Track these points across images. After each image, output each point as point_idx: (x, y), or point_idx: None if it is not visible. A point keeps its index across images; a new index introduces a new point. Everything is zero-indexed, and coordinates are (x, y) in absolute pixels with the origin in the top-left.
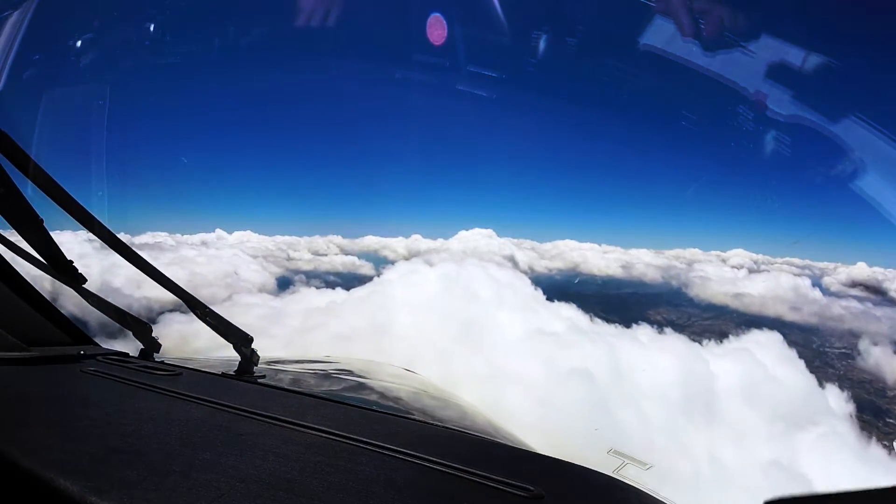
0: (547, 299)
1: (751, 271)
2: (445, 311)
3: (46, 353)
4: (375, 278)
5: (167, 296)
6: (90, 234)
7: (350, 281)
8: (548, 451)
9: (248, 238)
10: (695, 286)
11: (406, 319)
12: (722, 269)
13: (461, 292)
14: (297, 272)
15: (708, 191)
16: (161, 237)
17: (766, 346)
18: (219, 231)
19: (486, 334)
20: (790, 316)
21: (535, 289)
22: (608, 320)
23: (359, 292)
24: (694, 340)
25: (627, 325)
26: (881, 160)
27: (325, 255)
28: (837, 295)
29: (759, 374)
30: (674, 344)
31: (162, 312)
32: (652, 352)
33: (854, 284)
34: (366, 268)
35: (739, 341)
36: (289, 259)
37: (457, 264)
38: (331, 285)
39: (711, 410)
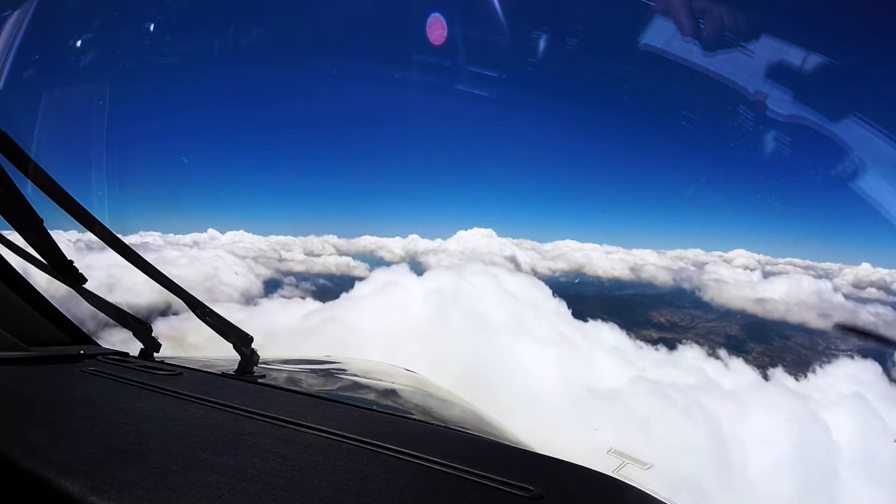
0: (573, 314)
1: (765, 274)
2: (437, 352)
3: (46, 353)
4: (344, 294)
5: (137, 303)
6: (72, 235)
7: (342, 283)
8: (548, 451)
9: (240, 238)
10: (709, 290)
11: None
12: (735, 272)
13: (460, 315)
14: (288, 274)
15: (708, 191)
16: (151, 237)
17: (870, 385)
18: (211, 231)
19: (510, 398)
20: (818, 323)
21: (559, 301)
22: (637, 334)
23: (313, 318)
24: (756, 368)
25: (671, 346)
26: (881, 160)
27: (320, 255)
28: (861, 300)
29: (883, 436)
30: (765, 393)
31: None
32: (748, 409)
33: (865, 286)
34: (360, 269)
35: (831, 376)
36: (280, 260)
37: (454, 273)
38: (304, 295)
39: None
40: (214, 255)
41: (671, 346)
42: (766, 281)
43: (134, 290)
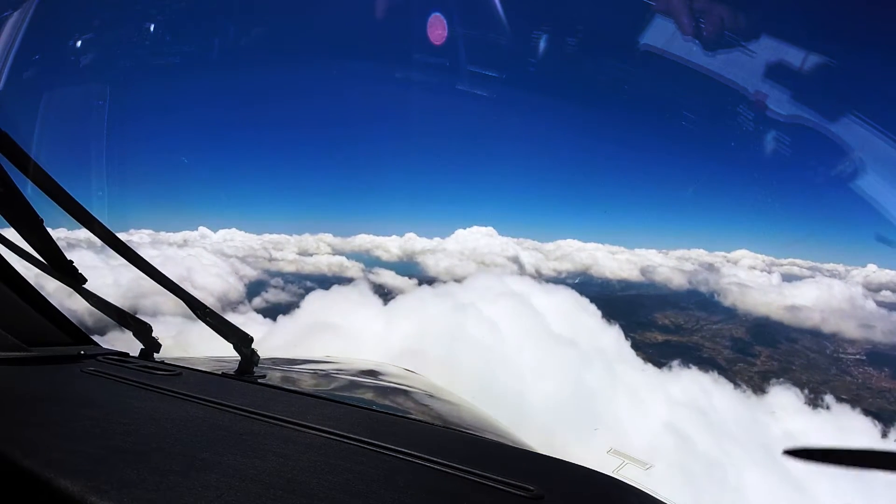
0: (631, 345)
1: (786, 277)
2: None
3: (46, 353)
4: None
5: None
6: (60, 233)
7: (331, 286)
8: (548, 450)
9: (232, 236)
10: (731, 294)
11: None
12: (753, 274)
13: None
14: (276, 274)
15: (708, 191)
16: (139, 235)
17: None
18: (202, 229)
19: None
20: (858, 333)
21: (618, 332)
22: (698, 361)
23: None
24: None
25: (758, 389)
26: (882, 160)
27: (313, 255)
28: (883, 304)
29: None
30: None
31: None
32: None
33: (877, 288)
34: (353, 269)
35: None
36: (270, 259)
37: (458, 297)
38: (269, 313)
39: None
40: (189, 255)
41: (757, 387)
42: (790, 285)
43: (99, 293)
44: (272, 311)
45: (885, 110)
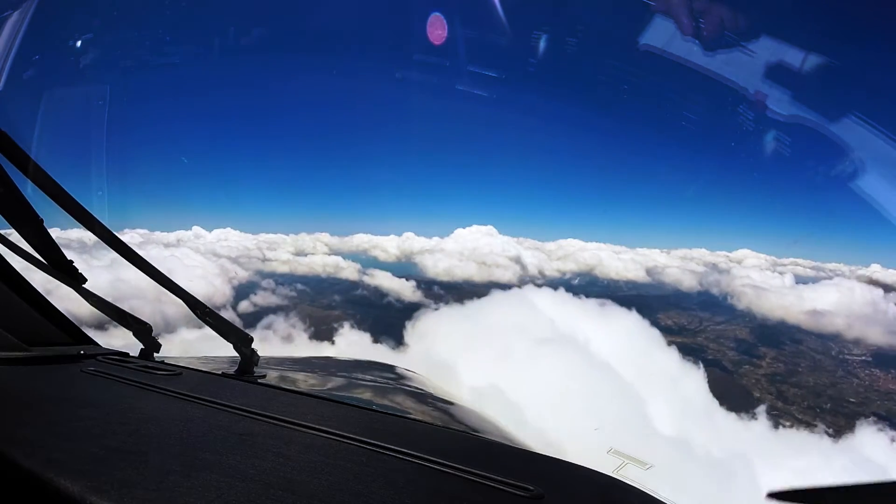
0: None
1: (797, 278)
2: None
3: (46, 353)
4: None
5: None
6: (53, 233)
7: (326, 289)
8: (548, 450)
9: (226, 236)
10: (745, 297)
11: None
12: (765, 276)
13: None
14: (268, 276)
15: (710, 190)
16: (132, 234)
17: None
18: (196, 228)
19: None
20: (875, 336)
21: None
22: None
23: None
24: None
25: (834, 432)
26: (882, 160)
27: (308, 255)
28: None
29: None
30: None
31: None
32: None
33: (888, 290)
34: (349, 270)
35: None
36: (263, 260)
37: (453, 362)
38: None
39: None
40: (172, 256)
41: (831, 425)
42: (807, 287)
43: (74, 298)
44: (259, 316)
45: (886, 110)
